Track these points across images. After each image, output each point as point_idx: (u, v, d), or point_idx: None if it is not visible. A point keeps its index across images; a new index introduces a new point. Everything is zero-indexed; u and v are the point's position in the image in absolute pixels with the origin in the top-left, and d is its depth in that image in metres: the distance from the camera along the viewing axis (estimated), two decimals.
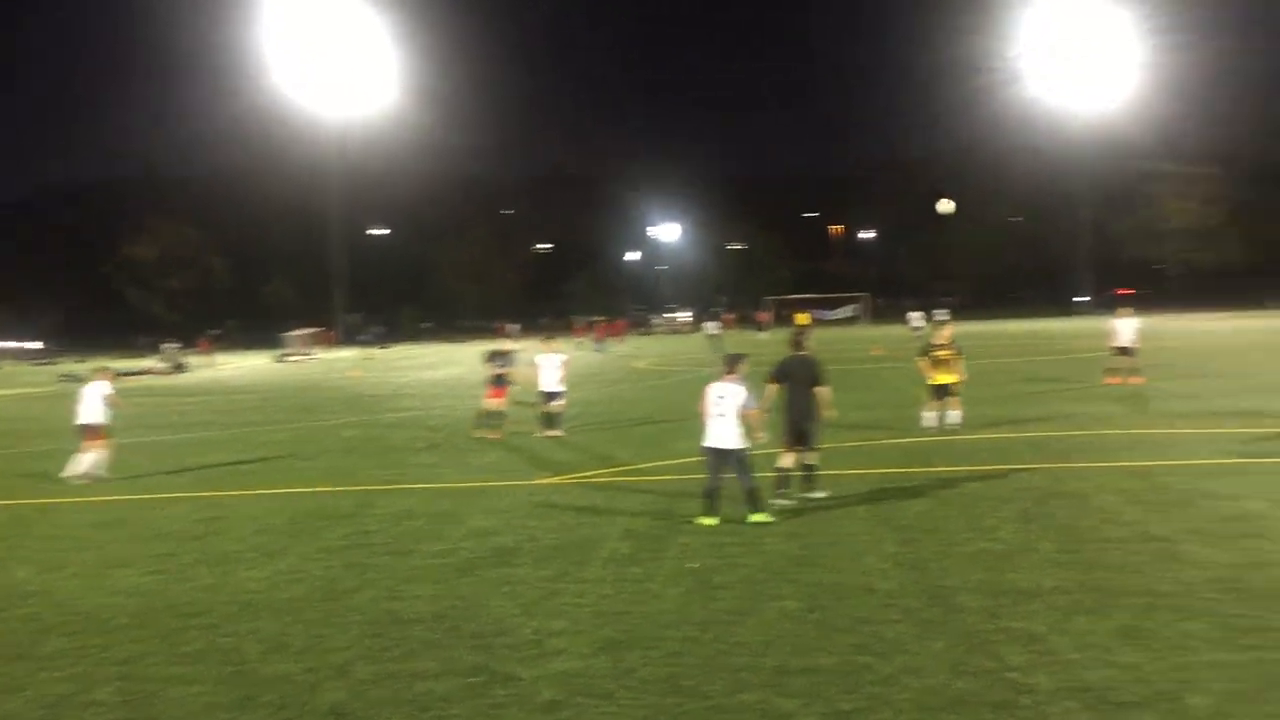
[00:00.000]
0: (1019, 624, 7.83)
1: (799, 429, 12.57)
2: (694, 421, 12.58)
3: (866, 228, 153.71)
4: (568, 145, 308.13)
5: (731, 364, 12.01)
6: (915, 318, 67.24)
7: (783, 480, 12.59)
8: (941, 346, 18.83)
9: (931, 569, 9.50)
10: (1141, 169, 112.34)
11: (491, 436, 20.25)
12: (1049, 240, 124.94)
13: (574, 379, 21.48)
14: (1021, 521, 11.23)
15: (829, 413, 12.80)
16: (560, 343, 22.50)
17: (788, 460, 12.61)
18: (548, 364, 20.77)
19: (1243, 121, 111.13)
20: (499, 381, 20.98)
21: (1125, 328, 25.85)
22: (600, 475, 15.64)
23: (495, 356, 21.38)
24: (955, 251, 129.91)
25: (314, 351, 78.60)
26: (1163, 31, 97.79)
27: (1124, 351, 25.75)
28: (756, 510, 11.63)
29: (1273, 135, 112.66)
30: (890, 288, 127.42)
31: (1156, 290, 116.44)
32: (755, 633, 7.93)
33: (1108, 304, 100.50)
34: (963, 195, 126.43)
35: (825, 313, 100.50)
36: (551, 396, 20.69)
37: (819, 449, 12.87)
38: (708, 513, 11.70)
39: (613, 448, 18.54)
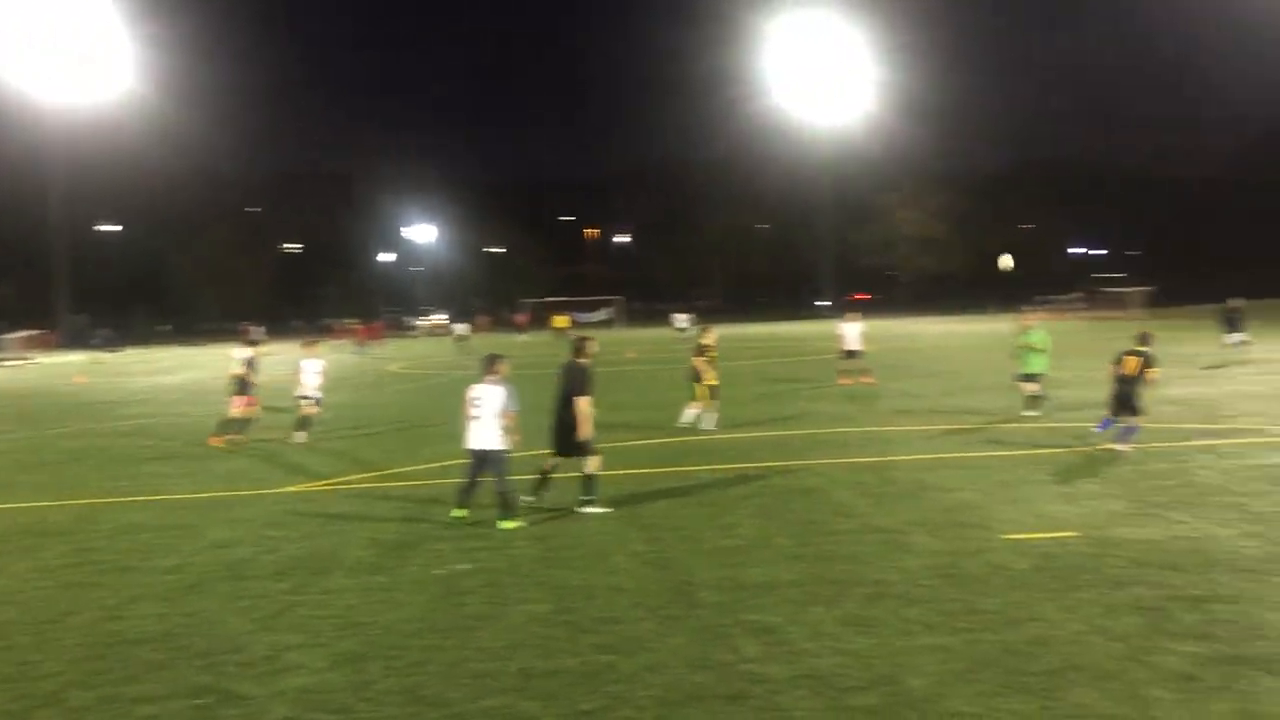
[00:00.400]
0: (756, 617, 8.11)
1: (560, 437, 12.33)
2: (445, 426, 12.40)
3: (622, 232, 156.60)
4: (318, 143, 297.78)
5: (490, 365, 11.95)
6: (681, 319, 68.94)
7: (541, 482, 12.51)
8: (711, 347, 19.47)
9: (676, 566, 9.71)
10: (876, 181, 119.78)
11: (234, 443, 19.34)
12: (794, 247, 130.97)
13: (326, 383, 20.73)
14: (761, 517, 11.66)
15: (585, 426, 12.07)
16: (322, 347, 21.71)
17: (592, 465, 12.26)
18: (309, 369, 20.04)
19: (967, 138, 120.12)
20: (245, 387, 20.06)
21: (851, 332, 27.40)
22: (348, 482, 15.18)
23: (245, 361, 20.49)
24: (706, 256, 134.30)
25: (33, 356, 72.75)
26: (896, 51, 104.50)
27: (851, 354, 27.31)
28: (507, 517, 11.59)
29: (991, 152, 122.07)
30: (645, 291, 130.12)
31: (890, 295, 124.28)
32: (501, 637, 7.88)
33: (846, 308, 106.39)
34: (715, 202, 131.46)
35: (581, 316, 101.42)
36: (309, 402, 20.00)
37: (594, 455, 12.24)
38: (460, 505, 11.80)
39: (362, 453, 18.04)
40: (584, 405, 12.10)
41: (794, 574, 9.28)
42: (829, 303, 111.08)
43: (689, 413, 19.22)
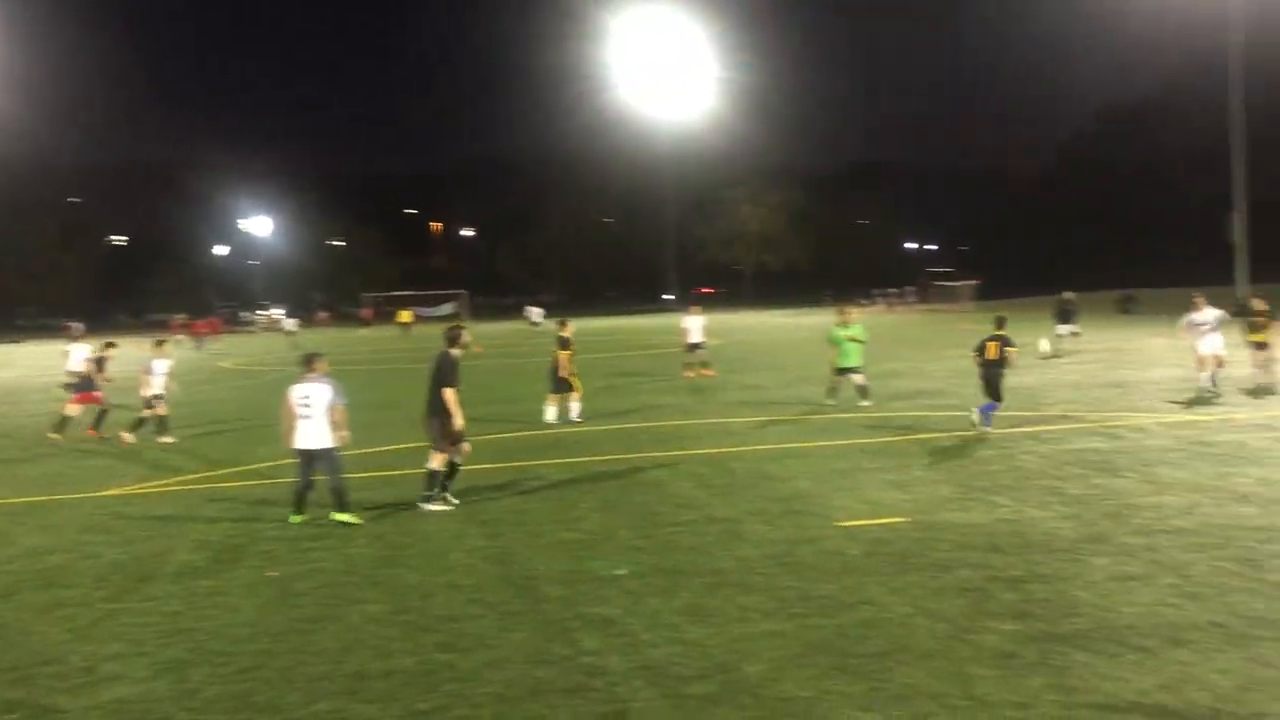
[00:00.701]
0: (597, 609, 8.12)
1: (433, 429, 12.04)
2: (278, 425, 12.01)
3: (467, 225, 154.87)
4: (148, 133, 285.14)
5: (309, 362, 11.73)
6: (536, 313, 68.54)
7: (430, 481, 12.13)
8: (572, 341, 19.51)
9: (517, 561, 9.65)
10: (719, 177, 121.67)
11: (55, 443, 18.57)
12: (639, 241, 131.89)
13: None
14: (604, 510, 11.70)
15: (456, 419, 11.88)
16: (170, 346, 20.86)
17: (436, 461, 12.04)
18: (159, 369, 19.22)
19: (805, 137, 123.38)
20: (84, 385, 19.40)
21: (694, 325, 27.75)
22: (175, 483, 14.58)
23: (90, 359, 19.94)
24: (553, 250, 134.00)
25: None
26: (739, 49, 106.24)
27: (694, 347, 27.65)
28: (342, 510, 11.38)
29: (827, 151, 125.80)
30: (490, 285, 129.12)
31: (733, 289, 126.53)
32: (336, 639, 7.68)
33: (690, 302, 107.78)
34: (560, 196, 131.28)
35: (426, 310, 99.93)
36: (160, 401, 19.20)
37: (443, 455, 12.03)
38: (298, 510, 11.49)
39: (193, 453, 17.36)
40: (450, 396, 11.88)
41: (634, 565, 9.33)
42: (673, 297, 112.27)
43: (550, 410, 19.14)
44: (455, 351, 12.23)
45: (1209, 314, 19.88)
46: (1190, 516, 10.35)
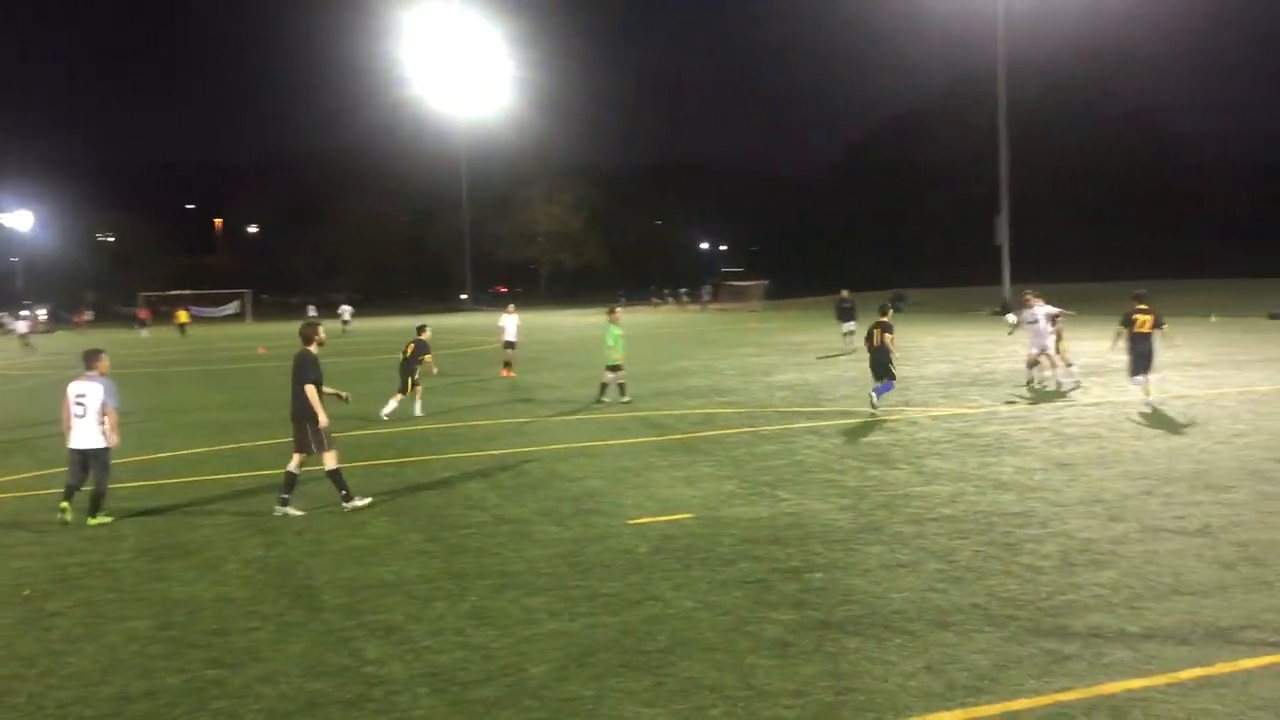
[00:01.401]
0: (379, 617, 7.90)
1: (296, 431, 11.62)
2: (43, 428, 11.22)
3: (252, 222, 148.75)
4: None
5: (90, 361, 11.55)
6: (347, 311, 66.65)
7: (288, 483, 11.65)
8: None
9: (297, 570, 9.30)
10: (515, 177, 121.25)
11: None
12: (435, 239, 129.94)
13: None
14: (391, 515, 11.43)
15: (319, 415, 11.46)
16: None
17: (293, 463, 11.65)
18: None
19: (602, 138, 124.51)
20: None
21: (509, 324, 27.67)
22: None
23: None
24: (344, 248, 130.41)
25: None
26: (533, 48, 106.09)
27: (510, 345, 27.58)
28: (97, 514, 11.23)
29: (624, 152, 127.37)
30: (277, 283, 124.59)
31: (530, 288, 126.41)
32: (94, 660, 7.19)
33: (489, 301, 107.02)
34: (350, 193, 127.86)
35: (207, 310, 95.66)
36: None
37: (331, 451, 11.65)
38: (67, 500, 11.37)
39: None
40: (311, 392, 11.45)
41: (420, 569, 9.14)
42: (467, 296, 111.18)
43: (390, 405, 19.56)
44: (312, 348, 11.76)
45: (1037, 311, 20.52)
46: (956, 504, 10.93)
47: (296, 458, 11.68)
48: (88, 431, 11.22)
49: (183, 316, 69.71)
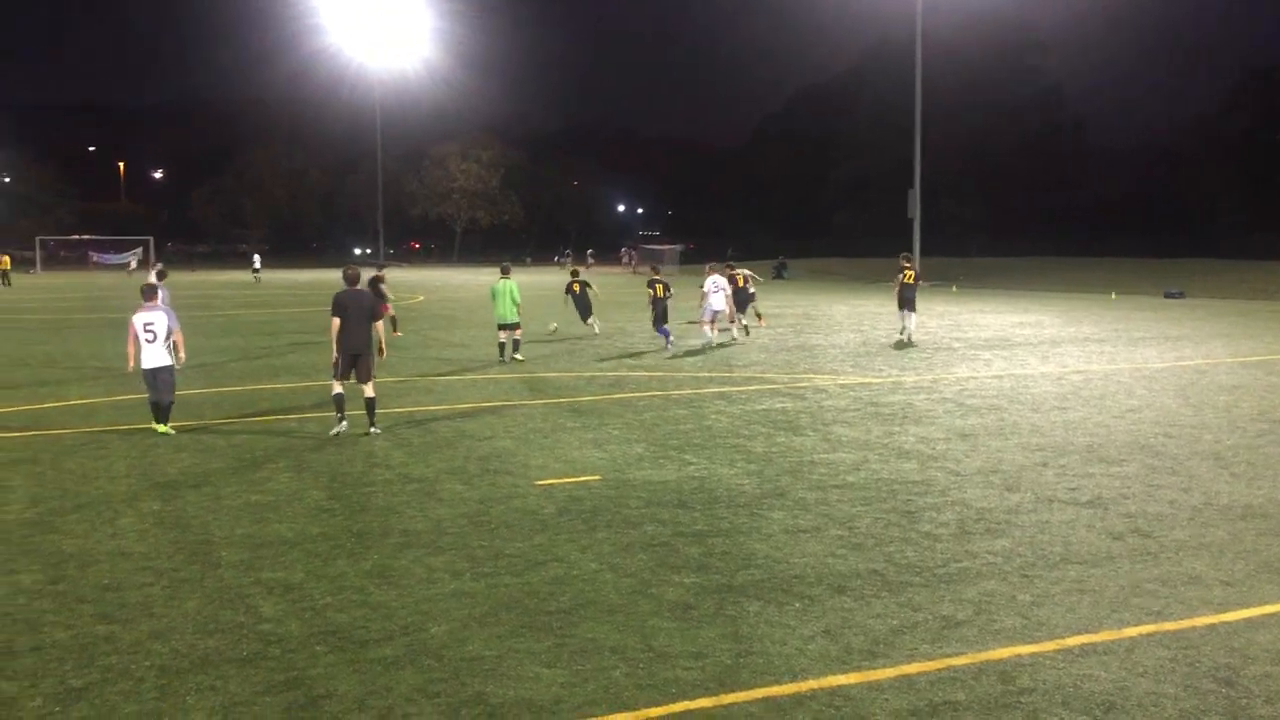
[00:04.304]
0: (277, 574, 7.78)
1: (361, 360, 13.10)
2: None
3: (157, 168, 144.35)
4: None
5: (148, 295, 13.37)
6: (257, 260, 65.15)
7: (339, 404, 13.16)
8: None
9: (194, 526, 9.11)
10: (432, 132, 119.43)
11: None
12: (349, 193, 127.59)
13: None
14: (294, 471, 11.24)
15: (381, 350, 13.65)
16: None
17: (370, 389, 13.23)
18: None
19: (522, 97, 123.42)
20: None
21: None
22: None
23: None
24: (253, 196, 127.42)
25: None
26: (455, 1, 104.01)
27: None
28: (166, 422, 13.22)
29: (544, 113, 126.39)
30: (183, 232, 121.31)
31: (446, 245, 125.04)
32: None
33: (401, 257, 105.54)
34: (262, 143, 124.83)
35: (109, 257, 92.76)
36: None
37: (371, 381, 13.22)
38: (160, 421, 13.24)
39: None
40: (381, 328, 13.67)
41: (322, 527, 9.02)
42: (382, 250, 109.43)
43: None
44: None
45: (719, 280, 24.55)
46: (859, 472, 11.11)
47: (339, 384, 13.19)
48: (158, 353, 13.07)
49: (5, 262, 64.56)
